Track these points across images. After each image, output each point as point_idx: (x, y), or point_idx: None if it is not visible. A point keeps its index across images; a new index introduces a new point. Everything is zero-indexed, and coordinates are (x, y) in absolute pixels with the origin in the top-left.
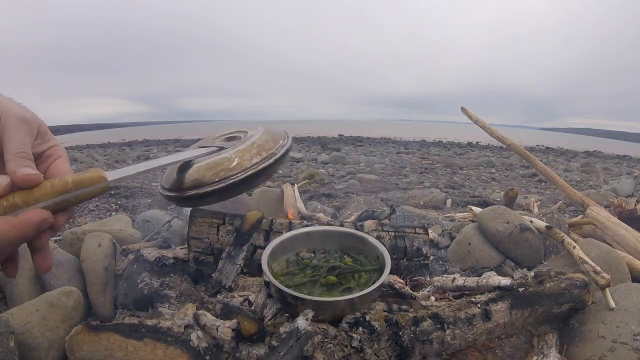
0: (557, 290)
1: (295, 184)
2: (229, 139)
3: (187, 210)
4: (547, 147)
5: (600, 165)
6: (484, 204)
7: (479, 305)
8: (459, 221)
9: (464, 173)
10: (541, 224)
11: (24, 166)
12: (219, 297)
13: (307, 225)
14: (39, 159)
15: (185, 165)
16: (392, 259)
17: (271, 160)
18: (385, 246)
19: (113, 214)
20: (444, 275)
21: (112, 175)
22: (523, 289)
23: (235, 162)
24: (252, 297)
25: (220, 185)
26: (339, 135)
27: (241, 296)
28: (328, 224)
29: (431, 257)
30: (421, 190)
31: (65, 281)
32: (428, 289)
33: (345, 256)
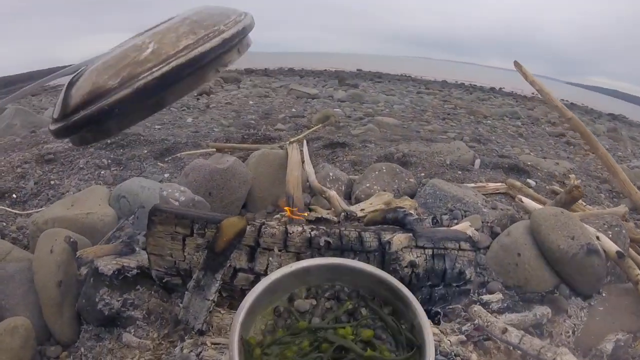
0: None
1: (304, 142)
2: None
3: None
4: (571, 103)
5: (626, 133)
6: (514, 167)
7: None
8: (501, 210)
9: (489, 124)
10: (611, 246)
11: None
12: (187, 342)
13: (318, 242)
14: None
15: (79, 75)
16: (426, 286)
17: (215, 41)
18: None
19: (103, 172)
20: (489, 299)
21: None
22: None
23: (149, 50)
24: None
25: (120, 94)
26: (358, 70)
27: (214, 345)
28: (338, 249)
29: (473, 280)
30: (446, 144)
31: (18, 298)
32: (465, 326)
33: (363, 309)
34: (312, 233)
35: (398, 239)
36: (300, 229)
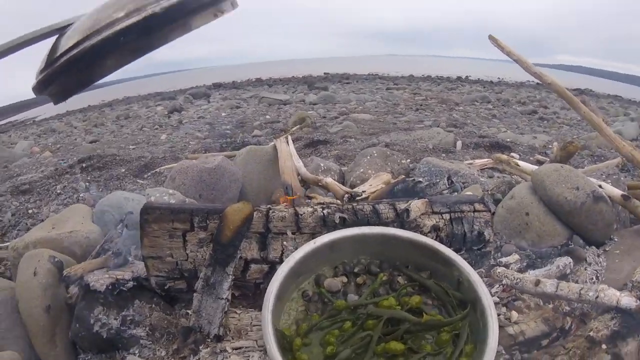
0: None
1: (289, 137)
2: None
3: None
4: (537, 83)
5: (594, 104)
6: (495, 145)
7: (605, 345)
8: (497, 177)
9: (462, 110)
10: (615, 192)
11: None
12: (204, 352)
13: (332, 220)
14: None
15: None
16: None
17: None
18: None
19: (82, 195)
20: (507, 261)
21: None
22: None
23: None
24: None
25: (128, 21)
26: (325, 73)
27: (236, 350)
28: (363, 220)
29: (492, 242)
30: (425, 130)
31: (3, 332)
32: (494, 289)
33: (400, 279)
34: (325, 211)
35: (415, 206)
36: (310, 209)
